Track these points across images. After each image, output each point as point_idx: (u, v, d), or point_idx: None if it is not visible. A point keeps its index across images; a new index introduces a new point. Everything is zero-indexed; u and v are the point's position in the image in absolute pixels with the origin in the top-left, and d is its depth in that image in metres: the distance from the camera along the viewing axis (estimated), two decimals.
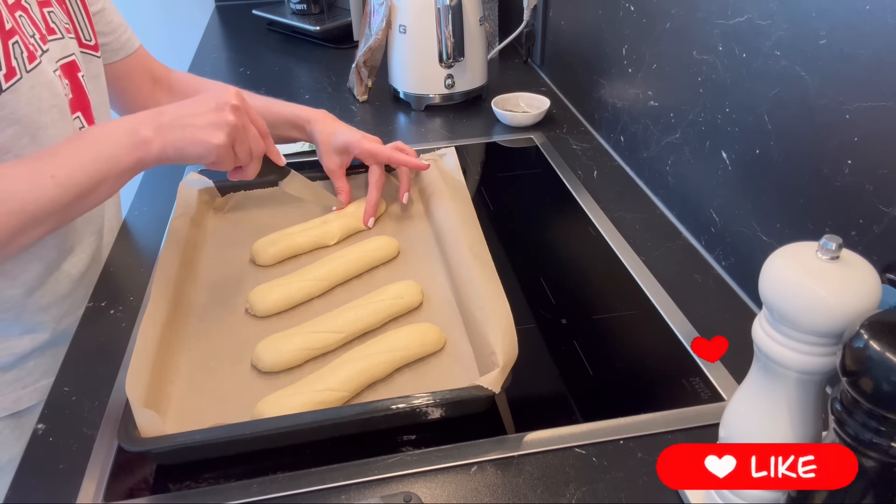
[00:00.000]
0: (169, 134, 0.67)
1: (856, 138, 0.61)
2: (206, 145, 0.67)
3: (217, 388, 0.67)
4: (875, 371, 0.36)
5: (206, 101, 0.69)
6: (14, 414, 0.78)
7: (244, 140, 0.70)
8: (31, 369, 0.79)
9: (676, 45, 0.88)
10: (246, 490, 0.59)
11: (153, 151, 0.66)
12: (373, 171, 0.91)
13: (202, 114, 0.68)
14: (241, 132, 0.69)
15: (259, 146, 0.73)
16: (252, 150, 0.72)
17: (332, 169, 0.93)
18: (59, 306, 0.81)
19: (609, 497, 0.57)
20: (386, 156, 0.90)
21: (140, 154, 0.66)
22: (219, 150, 0.67)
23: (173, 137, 0.67)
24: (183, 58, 1.57)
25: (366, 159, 0.91)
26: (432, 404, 0.61)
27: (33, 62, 0.70)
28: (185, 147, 0.67)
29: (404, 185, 0.92)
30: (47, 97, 0.72)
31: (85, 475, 0.60)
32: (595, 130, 1.17)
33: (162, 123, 0.67)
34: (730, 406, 0.51)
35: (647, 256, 0.86)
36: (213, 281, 0.82)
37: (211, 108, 0.68)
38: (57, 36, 0.77)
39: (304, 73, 1.48)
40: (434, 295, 0.78)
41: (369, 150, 0.90)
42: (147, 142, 0.66)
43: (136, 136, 0.66)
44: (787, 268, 0.43)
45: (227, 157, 0.69)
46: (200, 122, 0.67)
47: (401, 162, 0.91)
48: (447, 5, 1.16)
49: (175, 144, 0.67)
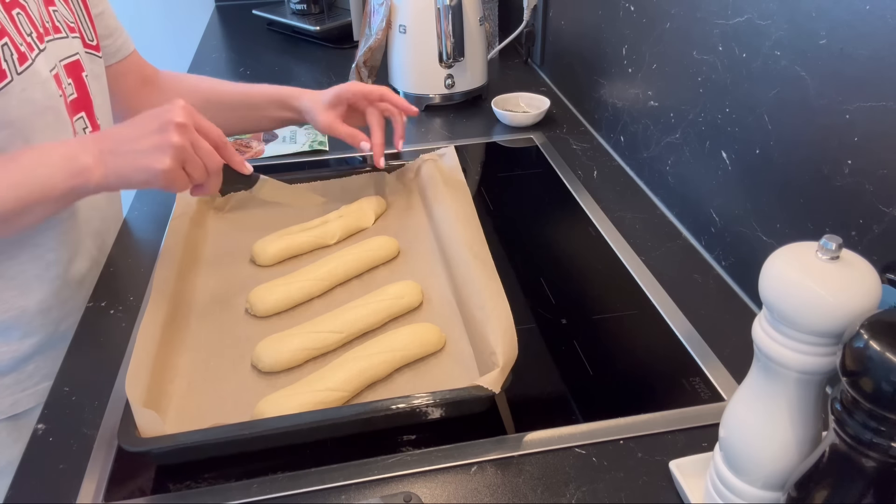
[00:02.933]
0: (110, 161, 0.64)
1: (856, 138, 0.61)
2: (150, 171, 0.64)
3: (217, 388, 0.67)
4: (875, 371, 0.36)
5: (149, 121, 0.66)
6: (12, 417, 0.78)
7: (194, 159, 0.66)
8: (31, 372, 0.79)
9: (676, 45, 0.88)
10: (246, 490, 0.59)
11: (93, 180, 0.64)
12: (370, 112, 0.90)
13: (144, 136, 0.65)
14: (189, 151, 0.66)
15: (214, 161, 0.68)
16: (207, 166, 0.68)
17: (328, 124, 0.89)
18: (59, 309, 0.80)
19: (609, 497, 0.57)
20: (378, 93, 0.89)
21: (77, 182, 0.63)
22: (165, 174, 0.64)
23: (115, 164, 0.64)
24: (183, 58, 1.57)
25: (359, 101, 0.90)
26: (432, 404, 0.61)
27: (24, 63, 0.69)
28: (129, 174, 0.65)
29: (398, 131, 0.92)
30: (41, 99, 0.71)
31: (85, 475, 0.60)
32: (595, 130, 1.17)
33: (103, 150, 0.64)
34: (730, 406, 0.51)
35: (647, 256, 0.86)
36: (213, 281, 0.82)
37: (153, 130, 0.65)
38: (61, 35, 0.77)
39: (304, 73, 1.48)
40: (434, 295, 0.78)
41: (360, 91, 0.89)
42: (86, 169, 0.63)
43: (75, 163, 0.63)
44: (787, 268, 0.43)
45: (178, 179, 0.66)
46: (143, 146, 0.64)
47: (393, 101, 0.90)
48: (447, 5, 1.16)
49: (117, 172, 0.64)
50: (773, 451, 0.48)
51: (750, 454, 0.49)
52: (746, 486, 0.50)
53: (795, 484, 0.45)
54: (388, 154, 1.11)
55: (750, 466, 0.49)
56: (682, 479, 0.57)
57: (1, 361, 0.76)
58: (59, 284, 0.80)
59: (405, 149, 1.13)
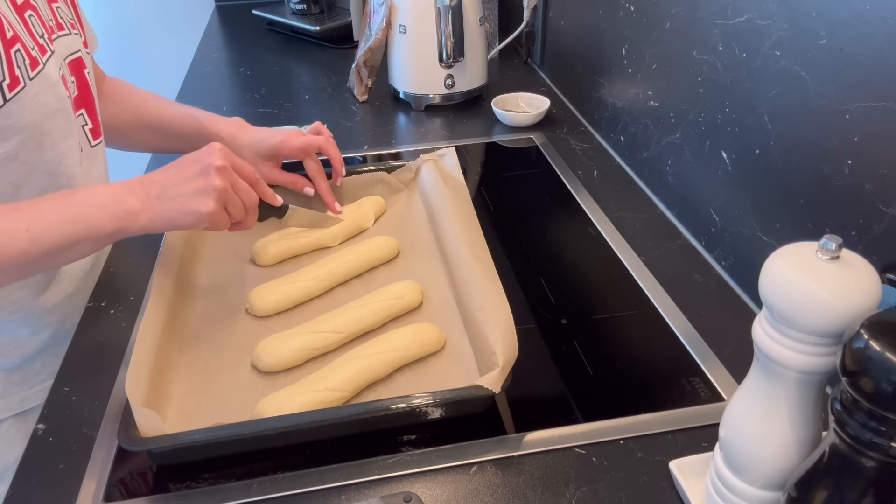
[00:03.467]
0: (157, 207, 0.66)
1: (856, 138, 0.61)
2: (196, 215, 0.67)
3: (217, 388, 0.67)
4: (875, 371, 0.36)
5: (191, 165, 0.68)
6: (20, 413, 0.78)
7: (235, 199, 0.69)
8: (39, 369, 0.79)
9: (676, 45, 0.88)
10: (246, 490, 0.59)
11: (138, 223, 0.66)
12: (308, 165, 0.90)
13: (188, 181, 0.67)
14: (231, 193, 0.69)
15: (251, 199, 0.72)
16: (246, 204, 0.71)
17: (266, 175, 0.89)
18: (64, 306, 0.81)
19: (609, 497, 0.57)
20: (316, 146, 0.90)
21: (123, 224, 0.65)
22: (210, 217, 0.67)
23: (162, 210, 0.66)
24: (183, 58, 1.57)
25: (297, 155, 0.90)
26: (432, 404, 0.61)
27: (36, 68, 0.69)
28: (176, 219, 0.67)
29: (337, 170, 0.92)
30: (52, 102, 0.71)
31: (85, 475, 0.60)
32: (595, 130, 1.17)
33: (150, 195, 0.66)
34: (730, 406, 0.51)
35: (647, 256, 0.86)
36: (213, 281, 0.82)
37: (196, 174, 0.67)
38: (64, 32, 0.77)
39: (304, 73, 1.48)
40: (434, 295, 0.78)
41: (299, 147, 0.89)
42: (133, 213, 0.65)
43: (123, 206, 0.65)
44: (787, 268, 0.43)
45: (221, 220, 0.69)
46: (188, 190, 0.67)
47: (330, 154, 0.91)
48: (447, 5, 1.16)
49: (164, 216, 0.66)
50: (773, 451, 0.48)
51: (750, 454, 0.49)
52: (746, 486, 0.50)
53: (795, 484, 0.45)
54: (388, 153, 1.12)
55: (750, 466, 0.49)
56: (682, 479, 0.57)
57: (11, 359, 0.77)
58: (64, 281, 0.80)
59: (406, 149, 1.14)
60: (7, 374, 0.77)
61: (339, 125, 1.21)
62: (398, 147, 1.14)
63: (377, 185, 0.97)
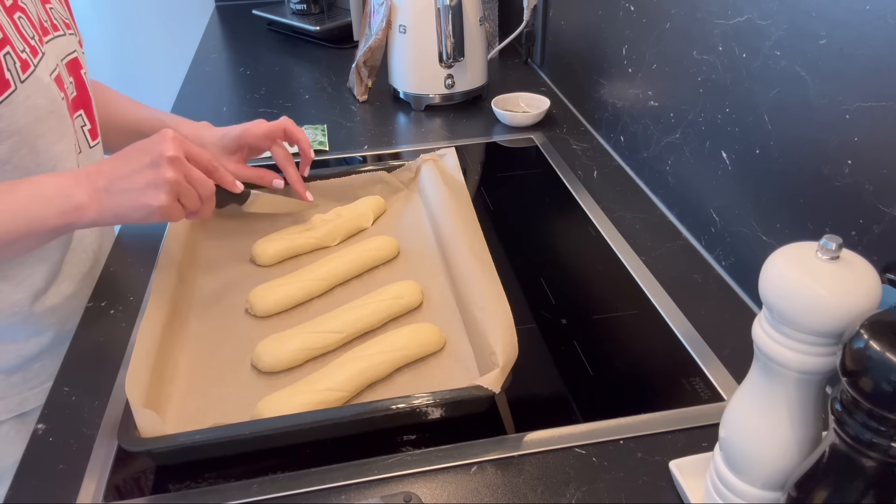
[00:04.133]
0: (105, 201, 0.64)
1: (856, 138, 0.61)
2: (147, 209, 0.65)
3: (217, 388, 0.67)
4: (875, 371, 0.36)
5: (141, 155, 0.66)
6: (20, 415, 0.78)
7: (189, 190, 0.67)
8: (38, 371, 0.79)
9: (676, 45, 0.88)
10: (246, 490, 0.59)
11: (86, 217, 0.64)
12: (275, 152, 0.87)
13: (138, 172, 0.65)
14: (184, 184, 0.66)
15: (207, 188, 0.69)
16: (201, 194, 0.69)
17: (232, 170, 0.85)
18: (64, 307, 0.81)
19: (609, 497, 0.57)
20: (280, 130, 0.85)
21: (69, 220, 0.64)
22: (162, 210, 0.65)
23: (110, 203, 0.64)
24: (183, 58, 1.57)
25: (262, 143, 0.86)
26: (432, 404, 0.61)
27: (27, 71, 0.68)
28: (125, 213, 0.65)
29: (306, 159, 0.88)
30: (44, 104, 0.71)
31: (85, 475, 0.60)
32: (595, 130, 1.17)
33: (97, 188, 0.64)
34: (730, 406, 0.51)
35: (647, 256, 0.86)
36: (213, 281, 0.82)
37: (146, 165, 0.65)
38: (59, 33, 0.77)
39: (304, 73, 1.48)
40: (434, 295, 0.78)
41: (262, 133, 0.84)
42: (80, 208, 0.64)
43: (69, 201, 0.63)
44: (787, 268, 0.43)
45: (174, 211, 0.67)
46: (137, 183, 0.64)
47: (295, 137, 0.86)
48: (447, 5, 1.16)
49: (113, 211, 0.65)
50: (773, 451, 0.48)
51: (750, 454, 0.49)
52: (746, 486, 0.50)
53: (795, 484, 0.45)
54: (388, 153, 1.12)
55: (750, 466, 0.49)
56: (682, 479, 0.57)
57: (9, 360, 0.77)
58: (65, 285, 0.80)
59: (406, 149, 1.14)
60: (6, 376, 0.77)
61: (339, 125, 1.22)
62: (398, 147, 1.14)
63: (377, 185, 0.97)
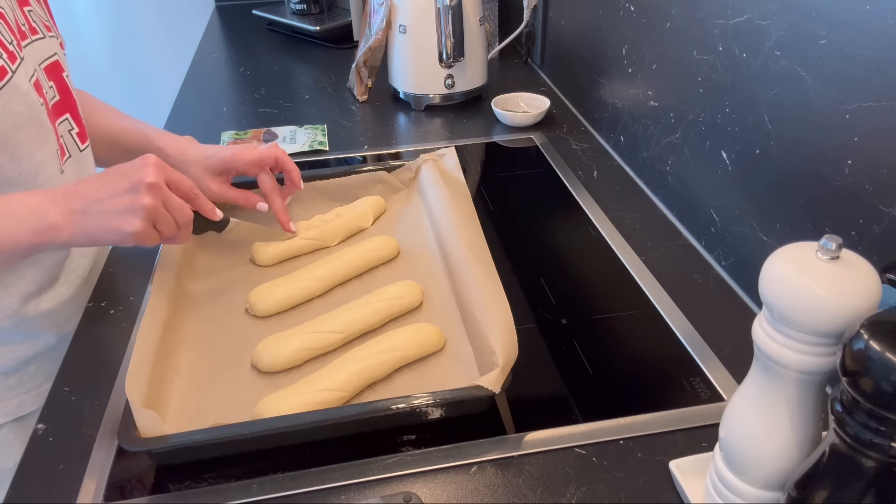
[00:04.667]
0: (80, 222, 0.64)
1: (856, 138, 0.61)
2: (121, 233, 0.64)
3: (217, 388, 0.67)
4: (875, 371, 0.36)
5: (119, 179, 0.65)
6: (18, 419, 0.78)
7: (165, 216, 0.66)
8: (34, 373, 0.78)
9: (676, 45, 0.88)
10: (246, 490, 0.59)
11: (59, 238, 0.64)
12: (263, 180, 0.84)
13: (115, 196, 0.64)
14: (161, 211, 0.66)
15: (184, 216, 0.68)
16: (178, 221, 0.68)
17: (217, 192, 0.83)
18: (61, 311, 0.80)
19: (609, 497, 0.57)
20: (271, 157, 0.84)
21: (44, 239, 0.63)
22: (135, 236, 0.65)
23: (84, 226, 0.64)
24: (183, 58, 1.57)
25: (251, 170, 0.84)
26: (432, 404, 0.61)
27: (5, 77, 0.66)
28: (99, 236, 0.65)
29: (294, 185, 0.87)
30: (24, 111, 0.69)
31: (85, 475, 0.60)
32: (595, 130, 1.17)
33: (73, 209, 0.64)
34: (730, 406, 0.51)
35: (647, 256, 0.86)
36: (213, 281, 0.82)
37: (125, 190, 0.64)
38: (38, 36, 0.75)
39: (304, 73, 1.48)
40: (434, 295, 0.78)
41: (253, 161, 0.83)
42: (54, 228, 0.63)
43: (43, 221, 0.63)
44: (787, 268, 0.43)
45: (148, 237, 0.66)
46: (114, 207, 0.64)
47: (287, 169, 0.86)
48: (447, 5, 1.16)
49: (87, 233, 0.64)
50: (773, 451, 0.48)
51: (750, 454, 0.49)
52: (746, 486, 0.50)
53: (795, 484, 0.45)
54: (388, 153, 1.12)
55: (750, 466, 0.49)
56: (682, 479, 0.57)
57: (5, 362, 0.76)
58: (63, 288, 0.80)
59: (406, 149, 1.14)
60: (3, 378, 0.76)
61: (339, 125, 1.21)
62: (398, 147, 1.14)
63: (377, 185, 0.97)
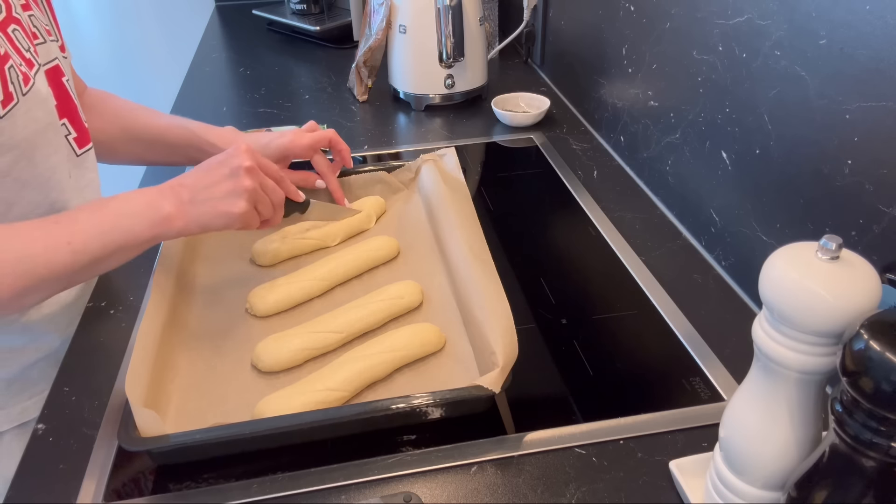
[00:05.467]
0: (191, 210, 0.68)
1: (856, 138, 0.61)
2: (229, 216, 0.68)
3: (217, 388, 0.67)
4: (875, 371, 0.36)
5: (219, 168, 0.70)
6: (22, 425, 0.77)
7: (264, 198, 0.71)
8: (37, 378, 0.78)
9: (676, 45, 0.88)
10: (246, 490, 0.59)
11: (174, 228, 0.67)
12: (317, 161, 0.90)
13: (218, 183, 0.69)
14: (260, 192, 0.70)
15: (279, 197, 0.74)
16: (273, 202, 0.73)
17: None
18: (64, 315, 0.80)
19: (609, 497, 0.57)
20: (325, 140, 0.89)
21: (160, 230, 0.67)
22: (242, 217, 0.69)
23: (196, 213, 0.68)
24: (183, 58, 1.57)
25: (307, 154, 0.89)
26: (432, 404, 0.61)
27: (28, 84, 0.68)
28: (209, 221, 0.69)
29: (346, 162, 0.92)
30: (42, 117, 0.71)
31: (85, 475, 0.60)
32: (595, 130, 1.17)
33: (182, 200, 0.68)
34: (730, 406, 0.51)
35: (647, 256, 0.86)
36: (213, 281, 0.82)
37: (226, 176, 0.69)
38: (39, 41, 0.75)
39: (304, 73, 1.48)
40: (434, 295, 0.78)
41: (308, 145, 0.88)
42: (168, 219, 0.67)
43: (158, 213, 0.66)
44: (787, 268, 0.43)
45: (252, 219, 0.71)
46: (219, 193, 0.68)
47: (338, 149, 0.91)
48: (447, 5, 1.16)
49: (198, 220, 0.68)
50: (773, 451, 0.48)
51: (750, 454, 0.49)
52: (746, 486, 0.50)
53: (795, 484, 0.45)
54: (388, 153, 1.12)
55: (750, 466, 0.49)
56: (682, 479, 0.57)
57: (9, 368, 0.76)
58: (65, 293, 0.79)
59: (406, 149, 1.14)
60: (6, 385, 0.76)
61: (339, 125, 1.21)
62: (398, 147, 1.14)
63: (377, 185, 0.97)
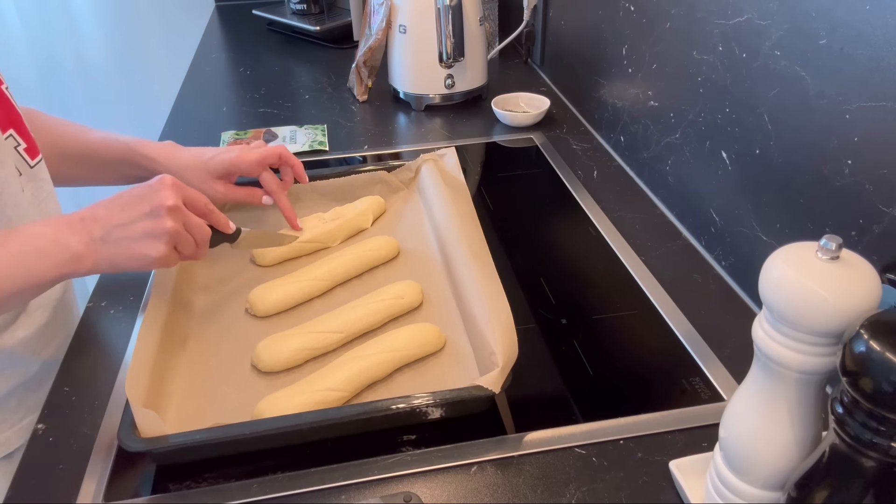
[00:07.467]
0: (102, 250, 0.63)
1: (856, 138, 0.61)
2: (145, 259, 0.64)
3: (217, 388, 0.67)
4: (875, 371, 0.36)
5: (139, 203, 0.64)
6: (6, 456, 0.73)
7: (186, 238, 0.66)
8: (16, 407, 0.74)
9: (676, 45, 0.88)
10: (246, 490, 0.59)
11: (82, 268, 0.63)
12: (266, 179, 0.83)
13: (136, 222, 0.63)
14: (182, 233, 0.65)
15: (203, 234, 0.68)
16: (197, 240, 0.67)
17: (224, 194, 0.82)
18: (38, 337, 0.76)
19: (609, 497, 0.57)
20: (275, 155, 0.83)
21: (67, 270, 0.62)
22: (160, 261, 0.64)
23: (107, 253, 0.63)
24: (183, 58, 1.57)
25: (254, 170, 0.82)
26: (432, 404, 0.61)
27: None
28: (122, 263, 0.64)
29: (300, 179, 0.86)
30: None
31: (85, 475, 0.60)
32: (595, 130, 1.17)
33: (94, 237, 0.63)
34: (730, 406, 0.51)
35: (647, 256, 0.86)
36: (213, 281, 0.82)
37: (145, 214, 0.63)
38: None
39: (304, 73, 1.48)
40: (434, 295, 0.78)
41: (257, 160, 0.82)
42: (75, 259, 0.62)
43: (65, 252, 0.61)
44: (787, 268, 0.43)
45: (171, 259, 0.66)
46: (135, 233, 0.63)
47: (291, 162, 0.85)
48: (447, 5, 1.16)
49: (110, 261, 0.63)
50: (773, 451, 0.48)
51: (750, 454, 0.49)
52: (746, 486, 0.50)
53: (795, 484, 0.45)
54: (388, 153, 1.12)
55: (750, 466, 0.49)
56: (682, 479, 0.57)
57: None
58: (38, 314, 0.76)
59: (406, 149, 1.14)
60: None
61: (339, 125, 1.21)
62: (398, 147, 1.14)
63: (377, 185, 0.97)
